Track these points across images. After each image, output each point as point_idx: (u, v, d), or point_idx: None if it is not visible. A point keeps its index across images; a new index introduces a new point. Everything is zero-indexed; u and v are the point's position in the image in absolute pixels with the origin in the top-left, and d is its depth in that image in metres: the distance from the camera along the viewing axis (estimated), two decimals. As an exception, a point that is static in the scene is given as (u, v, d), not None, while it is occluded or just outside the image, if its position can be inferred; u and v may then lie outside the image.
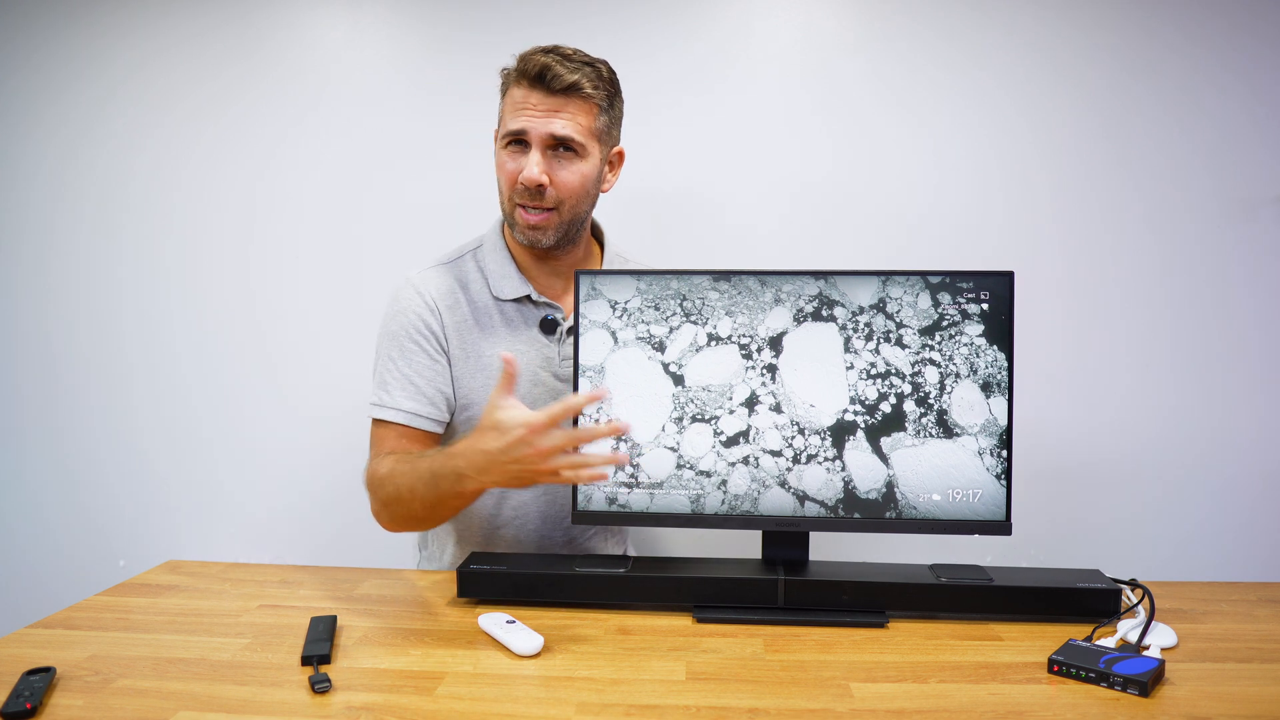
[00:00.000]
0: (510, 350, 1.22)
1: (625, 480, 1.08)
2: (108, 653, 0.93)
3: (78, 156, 1.72)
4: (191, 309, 1.72)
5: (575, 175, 1.16)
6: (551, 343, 1.24)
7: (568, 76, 1.12)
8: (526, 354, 1.23)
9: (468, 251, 1.28)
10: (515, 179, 1.15)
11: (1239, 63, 1.54)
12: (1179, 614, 1.04)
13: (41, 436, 1.77)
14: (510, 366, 0.96)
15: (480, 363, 1.22)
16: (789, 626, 1.00)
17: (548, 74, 1.11)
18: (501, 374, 0.96)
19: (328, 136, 1.67)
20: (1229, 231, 1.56)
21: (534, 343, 1.24)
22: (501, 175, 1.18)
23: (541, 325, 1.24)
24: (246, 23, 1.67)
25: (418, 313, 1.20)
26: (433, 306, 1.21)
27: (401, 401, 1.18)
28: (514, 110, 1.15)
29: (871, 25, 1.59)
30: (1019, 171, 1.59)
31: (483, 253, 1.27)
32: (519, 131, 1.14)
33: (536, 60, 1.12)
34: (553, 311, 1.25)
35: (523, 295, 1.23)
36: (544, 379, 1.24)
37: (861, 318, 1.06)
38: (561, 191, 1.16)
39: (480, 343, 1.22)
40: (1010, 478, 1.05)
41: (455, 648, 0.95)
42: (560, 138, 1.13)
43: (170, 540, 1.75)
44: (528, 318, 1.24)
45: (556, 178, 1.15)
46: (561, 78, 1.11)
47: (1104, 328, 1.59)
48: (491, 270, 1.24)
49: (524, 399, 1.21)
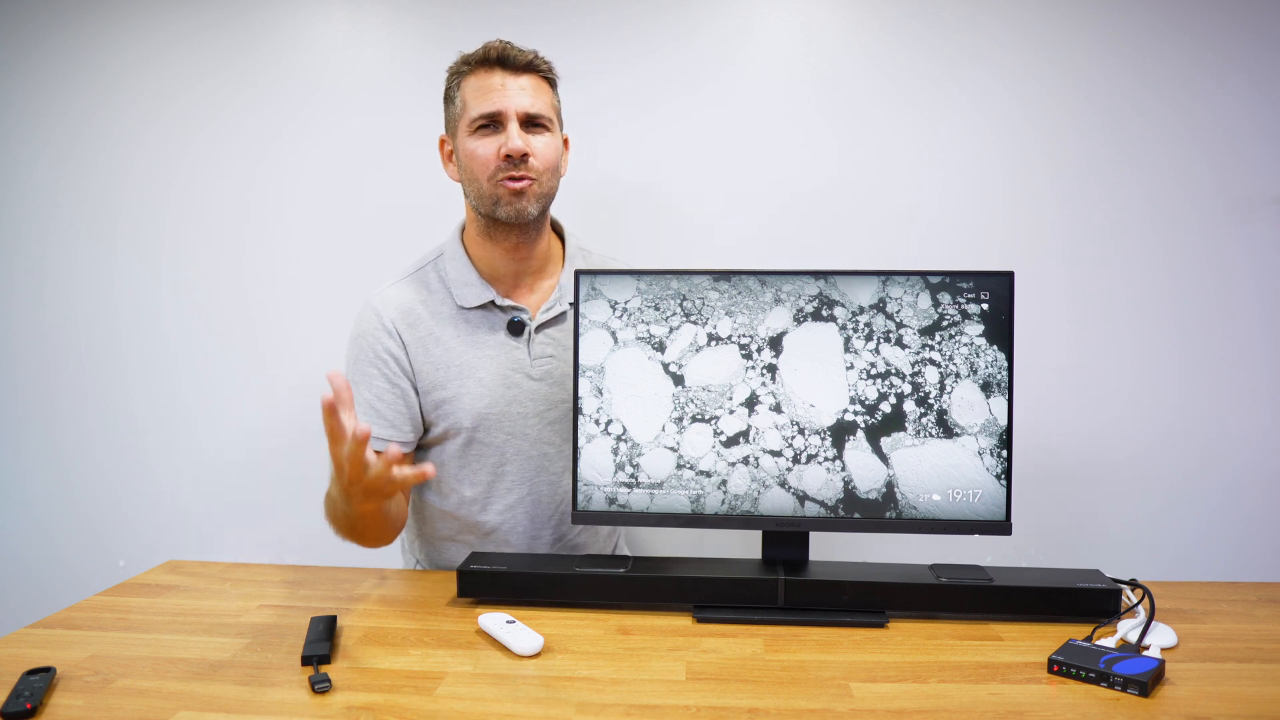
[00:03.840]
0: (480, 357, 1.22)
1: (625, 480, 1.08)
2: (108, 653, 0.93)
3: (75, 156, 1.72)
4: (189, 308, 1.72)
5: (550, 148, 1.20)
6: (520, 344, 1.24)
7: (525, 55, 1.18)
8: (496, 359, 1.23)
9: (428, 263, 1.27)
10: (493, 158, 1.16)
11: (1243, 62, 1.54)
12: (1179, 614, 1.04)
13: (39, 437, 1.77)
14: (342, 389, 0.92)
15: (452, 370, 1.22)
16: (789, 626, 1.00)
17: (508, 54, 1.17)
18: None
19: (324, 135, 1.67)
20: (1233, 231, 1.56)
21: (502, 347, 1.24)
22: (474, 162, 1.18)
23: (509, 328, 1.24)
24: (245, 22, 1.67)
25: (376, 337, 1.21)
26: (391, 329, 1.21)
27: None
28: (481, 95, 1.17)
29: (872, 24, 1.59)
30: (1021, 170, 1.58)
31: (443, 262, 1.26)
32: (494, 113, 1.16)
33: (492, 46, 1.17)
34: (518, 313, 1.24)
35: (486, 301, 1.23)
36: (517, 381, 1.23)
37: (861, 318, 1.06)
38: (540, 161, 1.18)
39: (450, 349, 1.22)
40: (1010, 478, 1.05)
41: (455, 648, 0.95)
42: (533, 113, 1.17)
43: (170, 540, 1.75)
44: (494, 323, 1.24)
45: (534, 149, 1.17)
46: (521, 55, 1.17)
47: (1106, 327, 1.59)
48: (453, 279, 1.24)
49: (497, 402, 1.23)
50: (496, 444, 1.24)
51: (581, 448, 1.09)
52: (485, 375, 1.22)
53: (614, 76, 1.61)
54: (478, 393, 1.22)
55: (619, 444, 1.08)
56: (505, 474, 1.25)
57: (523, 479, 1.25)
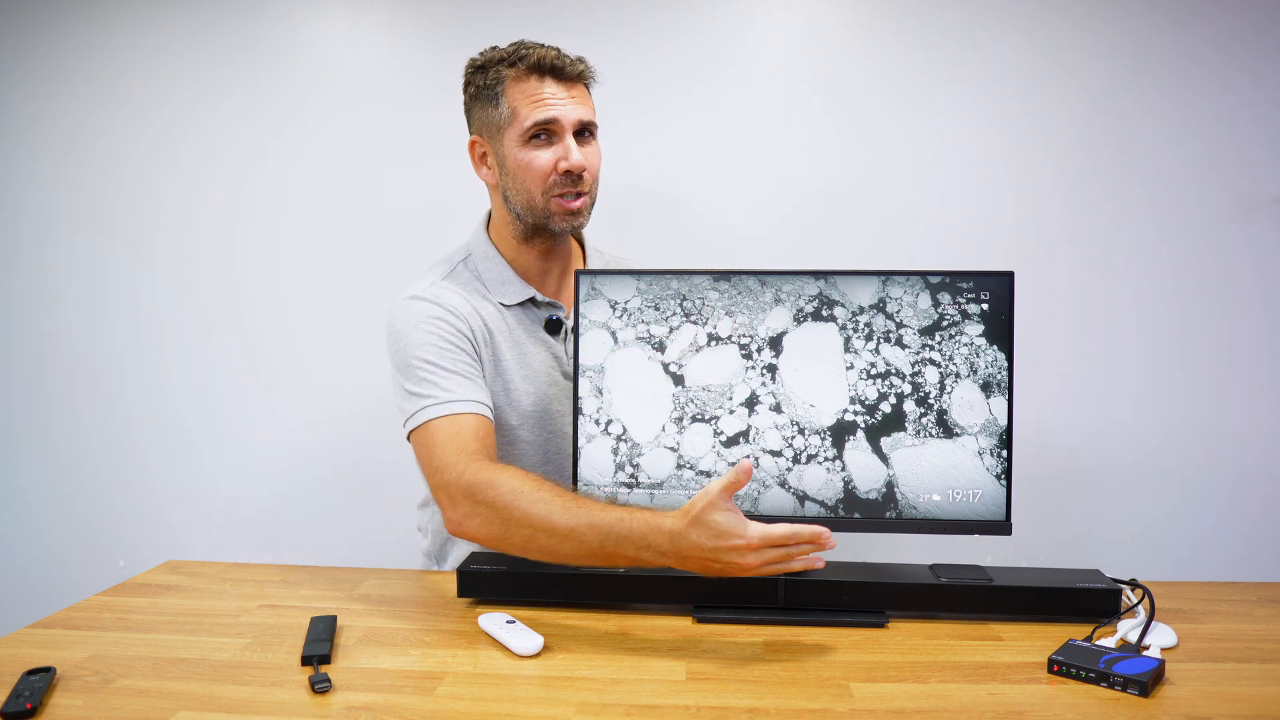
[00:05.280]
0: (524, 354, 1.21)
1: (625, 480, 1.08)
2: (108, 653, 0.93)
3: (72, 155, 1.72)
4: (186, 308, 1.72)
5: (597, 156, 1.21)
6: (558, 342, 1.25)
7: (577, 66, 1.18)
8: (539, 355, 1.23)
9: (459, 262, 1.25)
10: (550, 170, 1.16)
11: (1246, 62, 1.54)
12: (1179, 614, 1.04)
13: (38, 437, 1.77)
14: (743, 474, 0.89)
15: (501, 366, 1.20)
16: (789, 626, 1.00)
17: (563, 64, 1.16)
18: (731, 472, 0.89)
19: (323, 134, 1.67)
20: (1236, 231, 1.56)
21: (543, 344, 1.24)
22: (528, 174, 1.16)
23: (546, 326, 1.24)
24: (243, 20, 1.67)
25: (448, 320, 1.15)
26: (459, 314, 1.17)
27: (466, 392, 1.10)
28: (534, 103, 1.14)
29: (872, 24, 1.59)
30: (1024, 170, 1.58)
31: (474, 261, 1.25)
32: (549, 120, 1.15)
33: (543, 53, 1.15)
34: (555, 311, 1.25)
35: (527, 298, 1.23)
36: (557, 379, 1.24)
37: (861, 318, 1.06)
38: (591, 174, 1.19)
39: (499, 346, 1.21)
40: (1010, 478, 1.05)
41: (455, 648, 0.94)
42: (586, 122, 1.18)
43: (169, 540, 1.75)
44: (534, 319, 1.25)
45: (587, 162, 1.18)
46: (573, 65, 1.17)
47: (1108, 327, 1.59)
48: (490, 278, 1.24)
49: (542, 400, 1.22)
50: (539, 442, 1.24)
51: (581, 448, 1.09)
52: (538, 368, 1.22)
53: (613, 75, 1.58)
54: (524, 389, 1.22)
55: (619, 444, 1.08)
56: (545, 474, 1.22)
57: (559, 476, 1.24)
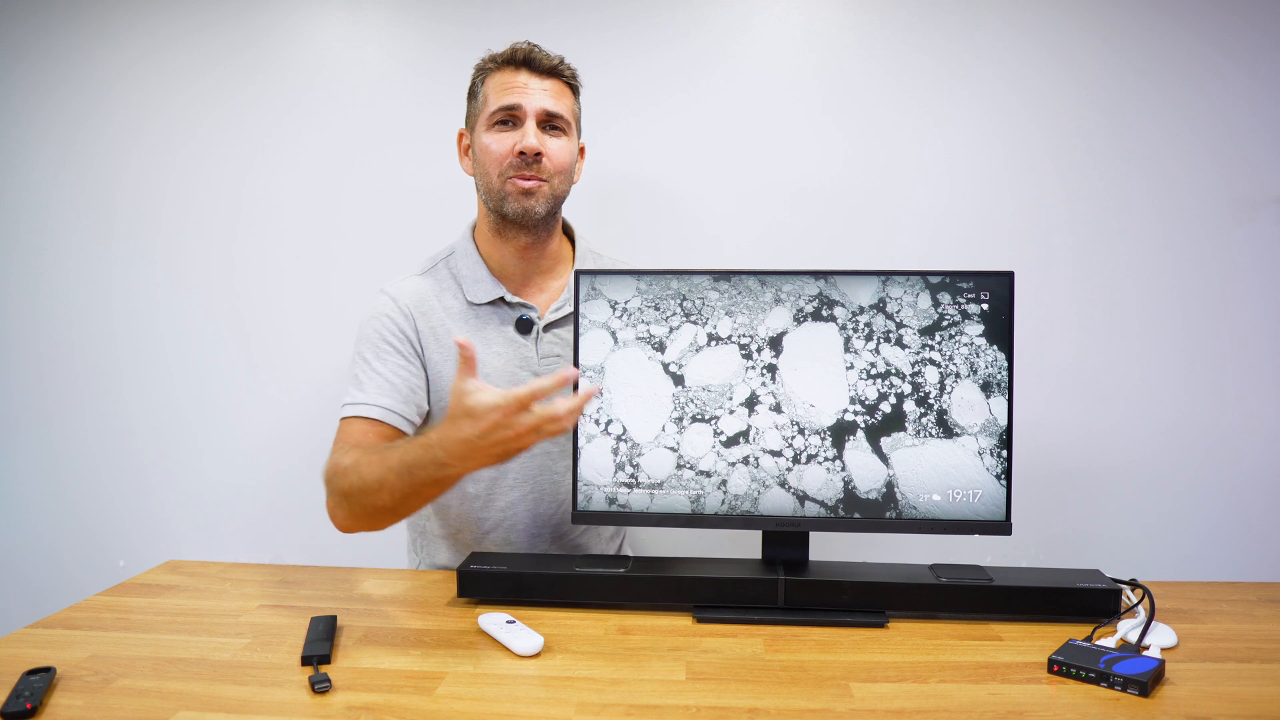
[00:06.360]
0: (488, 352, 1.23)
1: (625, 480, 1.08)
2: (108, 653, 0.93)
3: (71, 154, 1.71)
4: (185, 306, 1.72)
5: (564, 151, 1.22)
6: (528, 342, 1.25)
7: (551, 59, 1.21)
8: (504, 355, 1.24)
9: (440, 260, 1.29)
10: (507, 154, 1.18)
11: (1247, 61, 1.54)
12: (1179, 614, 1.04)
13: (36, 437, 1.77)
14: (467, 350, 0.92)
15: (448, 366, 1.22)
16: (789, 626, 1.00)
17: (534, 56, 1.19)
18: (459, 358, 0.92)
19: (323, 133, 1.67)
20: (1236, 230, 1.56)
21: (511, 343, 1.24)
22: (488, 157, 1.20)
23: (517, 325, 1.25)
24: (243, 19, 1.67)
25: (391, 317, 1.22)
26: (406, 312, 1.22)
27: (376, 397, 1.17)
28: (503, 91, 1.19)
29: (873, 21, 1.59)
30: (1025, 170, 1.58)
31: (455, 259, 1.28)
32: (512, 106, 1.18)
33: (520, 47, 1.20)
34: (526, 311, 1.25)
35: (496, 297, 1.24)
36: (523, 379, 1.24)
37: (861, 318, 1.06)
38: (553, 164, 1.20)
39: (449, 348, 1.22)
40: (1010, 478, 1.05)
41: (455, 648, 0.94)
42: (552, 112, 1.19)
43: (169, 540, 1.75)
44: (503, 319, 1.25)
45: (548, 150, 1.19)
46: (547, 59, 1.20)
47: (1109, 327, 1.59)
48: (464, 275, 1.25)
49: None
50: None
51: (581, 448, 1.09)
52: (492, 371, 1.22)
53: (612, 74, 1.60)
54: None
55: (619, 444, 1.08)
56: (508, 471, 1.25)
57: (525, 476, 1.26)
